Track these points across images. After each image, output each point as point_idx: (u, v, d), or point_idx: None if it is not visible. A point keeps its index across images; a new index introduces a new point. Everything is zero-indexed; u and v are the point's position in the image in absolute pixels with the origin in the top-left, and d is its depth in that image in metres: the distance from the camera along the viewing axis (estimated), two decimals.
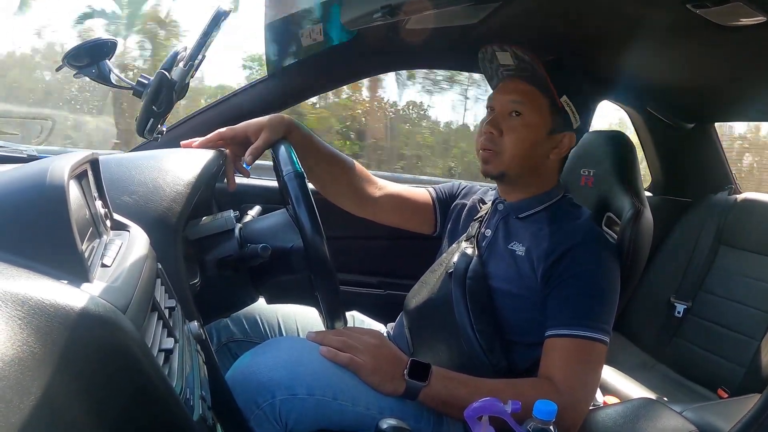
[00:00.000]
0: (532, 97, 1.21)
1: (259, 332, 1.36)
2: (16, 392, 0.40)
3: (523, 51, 1.18)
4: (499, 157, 1.23)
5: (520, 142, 1.21)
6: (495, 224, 1.29)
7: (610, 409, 1.15)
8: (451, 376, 1.10)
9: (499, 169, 1.24)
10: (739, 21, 1.10)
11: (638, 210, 1.30)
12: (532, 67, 1.19)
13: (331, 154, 1.39)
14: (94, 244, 0.67)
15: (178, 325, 0.80)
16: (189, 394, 0.69)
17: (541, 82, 1.20)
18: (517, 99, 1.21)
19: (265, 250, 1.08)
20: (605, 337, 1.11)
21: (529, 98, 1.21)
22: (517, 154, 1.22)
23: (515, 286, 1.19)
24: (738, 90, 1.71)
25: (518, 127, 1.21)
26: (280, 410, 1.03)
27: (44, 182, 0.56)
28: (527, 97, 1.21)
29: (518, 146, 1.21)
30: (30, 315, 0.45)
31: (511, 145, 1.21)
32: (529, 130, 1.21)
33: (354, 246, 1.89)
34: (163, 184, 0.98)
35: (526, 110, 1.21)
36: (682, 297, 1.97)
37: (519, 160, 1.22)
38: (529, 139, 1.21)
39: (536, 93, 1.21)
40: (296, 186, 1.04)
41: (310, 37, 1.61)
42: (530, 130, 1.21)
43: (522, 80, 1.22)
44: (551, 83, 1.18)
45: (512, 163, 1.23)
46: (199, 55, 1.26)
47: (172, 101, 1.25)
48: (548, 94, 1.20)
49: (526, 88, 1.21)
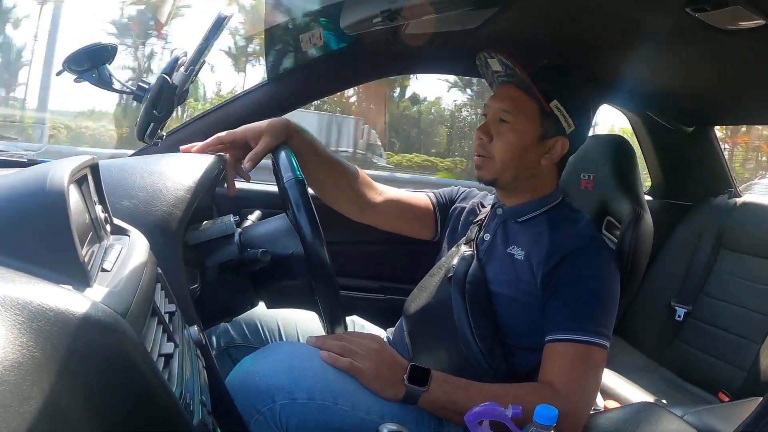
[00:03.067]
0: (520, 104, 1.22)
1: (259, 337, 1.36)
2: (16, 397, 0.40)
3: (506, 57, 1.19)
4: (490, 162, 1.25)
5: (509, 148, 1.22)
6: (494, 228, 1.29)
7: (611, 413, 1.15)
8: (451, 381, 1.10)
9: (491, 174, 1.25)
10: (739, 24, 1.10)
11: (638, 214, 1.30)
12: (516, 73, 1.20)
13: (332, 159, 1.40)
14: (94, 249, 0.67)
15: (178, 329, 0.80)
16: (189, 399, 0.68)
17: (527, 88, 1.20)
18: (506, 106, 1.23)
19: (265, 254, 1.08)
20: (605, 342, 1.11)
21: (517, 105, 1.22)
22: (506, 160, 1.23)
23: (514, 290, 1.19)
24: (738, 93, 1.71)
25: (506, 133, 1.22)
26: (280, 415, 1.03)
27: (44, 187, 0.56)
28: (515, 103, 1.22)
29: (507, 152, 1.22)
30: (30, 319, 0.45)
31: (500, 150, 1.23)
32: (517, 136, 1.22)
33: (354, 251, 1.89)
34: (164, 188, 0.98)
35: (513, 117, 1.22)
36: (682, 300, 1.97)
37: (509, 165, 1.23)
38: (518, 144, 1.22)
39: (525, 99, 1.22)
40: (297, 193, 1.04)
41: (310, 41, 1.62)
42: (518, 135, 1.22)
43: (513, 86, 1.24)
44: (537, 89, 1.19)
45: (503, 168, 1.24)
46: (199, 60, 1.26)
47: (172, 106, 1.25)
48: (537, 100, 1.21)
49: (515, 94, 1.23)
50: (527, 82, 1.19)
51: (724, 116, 2.15)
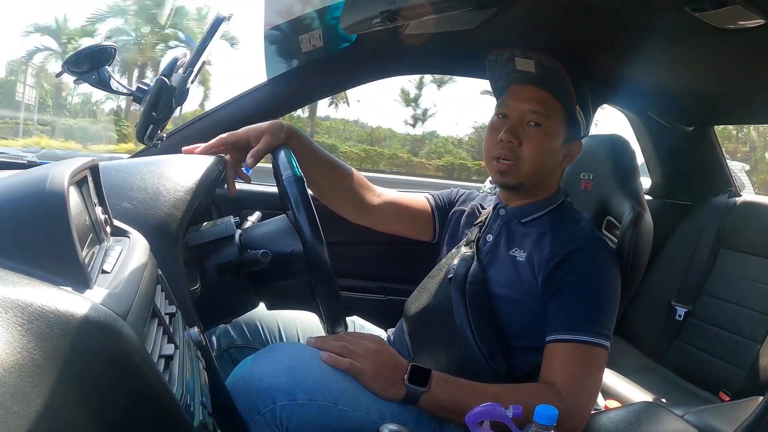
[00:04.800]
0: (549, 106, 1.20)
1: (259, 338, 1.36)
2: (16, 399, 0.40)
3: (549, 60, 1.17)
4: (518, 167, 1.21)
5: (540, 153, 1.20)
6: (497, 229, 1.29)
7: (611, 413, 1.15)
8: (452, 381, 1.10)
9: (517, 179, 1.22)
10: (738, 24, 1.10)
11: (638, 213, 1.30)
12: (556, 77, 1.17)
13: (330, 161, 1.40)
14: (94, 251, 0.67)
15: (178, 331, 0.80)
16: (189, 400, 0.68)
17: (560, 91, 1.18)
18: (537, 108, 1.19)
19: (266, 255, 1.08)
20: (606, 342, 1.11)
21: (548, 107, 1.20)
22: (536, 165, 1.21)
23: (516, 291, 1.19)
24: (738, 93, 1.71)
25: (538, 137, 1.19)
26: (280, 416, 1.03)
27: (44, 189, 0.56)
28: (547, 106, 1.20)
29: (538, 157, 1.20)
30: (30, 321, 0.45)
31: (531, 155, 1.20)
32: (549, 140, 1.20)
33: (354, 251, 1.89)
34: (163, 190, 0.98)
35: (545, 119, 1.19)
36: (682, 300, 1.97)
37: (536, 170, 1.21)
38: (549, 149, 1.21)
39: (553, 101, 1.20)
40: (296, 190, 1.04)
41: (310, 42, 1.62)
42: (550, 139, 1.20)
43: (537, 88, 1.21)
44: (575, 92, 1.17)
45: (532, 173, 1.21)
46: (198, 61, 1.26)
47: (171, 107, 1.25)
48: (566, 104, 1.19)
49: (544, 96, 1.20)
50: (567, 86, 1.16)
51: (723, 116, 2.14)
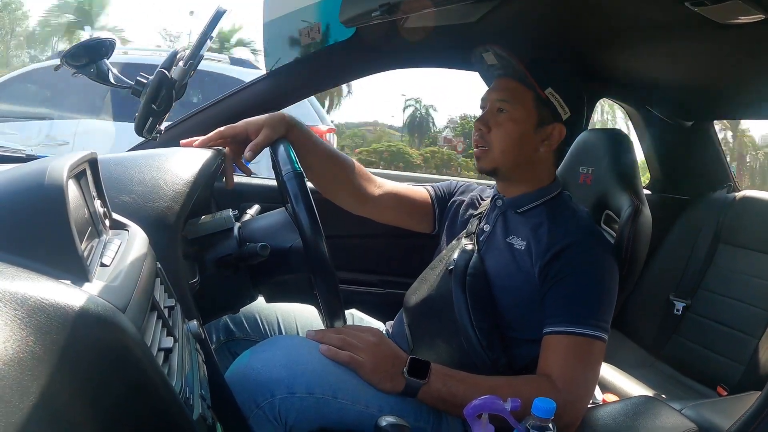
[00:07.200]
0: (516, 93, 1.24)
1: (258, 331, 1.36)
2: (16, 392, 0.40)
3: (501, 49, 1.22)
4: (489, 153, 1.27)
5: (507, 137, 1.24)
6: (494, 219, 1.30)
7: (609, 407, 1.15)
8: (451, 374, 1.10)
9: (491, 164, 1.27)
10: (738, 19, 1.10)
11: (637, 208, 1.30)
12: (512, 64, 1.22)
13: (330, 152, 1.40)
14: (93, 244, 0.67)
15: (177, 324, 0.80)
16: (188, 393, 0.69)
17: (523, 77, 1.23)
18: (502, 96, 1.25)
19: (264, 249, 1.08)
20: (604, 335, 1.12)
21: (513, 94, 1.24)
22: (506, 149, 1.25)
23: (514, 280, 1.20)
24: (737, 88, 1.71)
25: (504, 122, 1.25)
26: (279, 409, 1.03)
27: (43, 182, 0.56)
28: (511, 93, 1.25)
29: (505, 141, 1.25)
30: (30, 315, 0.45)
31: (499, 139, 1.25)
32: (515, 124, 1.24)
33: (353, 244, 1.89)
34: (162, 183, 0.98)
35: (510, 105, 1.24)
36: (681, 295, 1.97)
37: (508, 154, 1.25)
38: (516, 132, 1.24)
39: (520, 88, 1.24)
40: (295, 185, 1.04)
41: (309, 35, 1.61)
42: (516, 124, 1.24)
43: (508, 78, 1.26)
44: (531, 77, 1.21)
45: (502, 157, 1.26)
46: (198, 55, 1.26)
47: (171, 100, 1.25)
48: (532, 88, 1.22)
49: (511, 84, 1.25)
50: (521, 70, 1.21)
51: (723, 111, 2.14)
